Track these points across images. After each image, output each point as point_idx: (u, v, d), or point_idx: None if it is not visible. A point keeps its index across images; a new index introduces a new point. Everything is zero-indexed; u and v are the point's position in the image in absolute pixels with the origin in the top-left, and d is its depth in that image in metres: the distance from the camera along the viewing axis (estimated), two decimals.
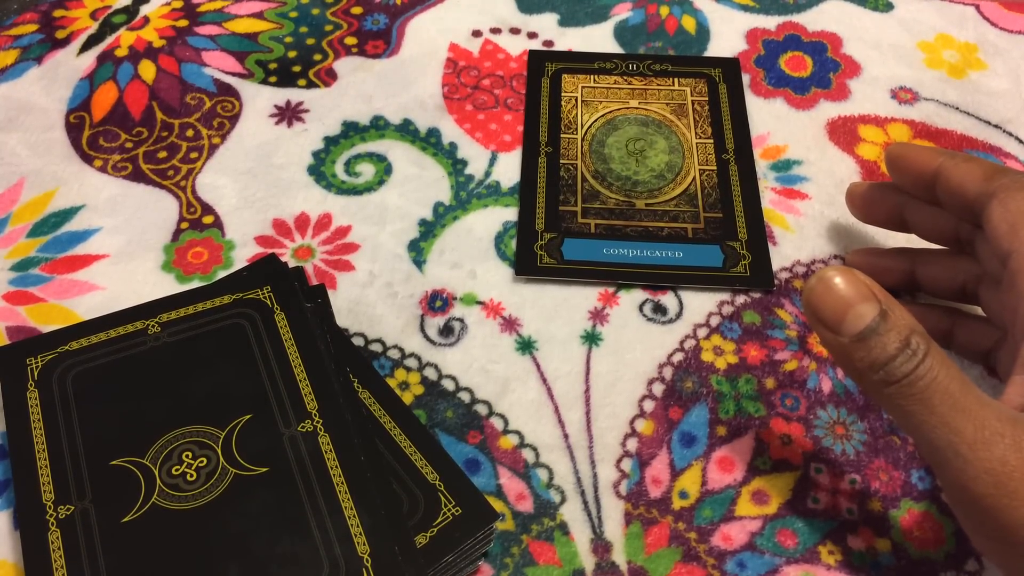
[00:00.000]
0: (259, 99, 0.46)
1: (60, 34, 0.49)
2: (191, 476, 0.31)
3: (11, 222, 0.41)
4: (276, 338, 0.34)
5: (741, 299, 0.39)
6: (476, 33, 0.50)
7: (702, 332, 0.38)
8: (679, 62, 0.48)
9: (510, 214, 0.42)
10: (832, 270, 0.27)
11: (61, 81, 0.47)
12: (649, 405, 0.36)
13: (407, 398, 0.36)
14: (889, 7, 0.51)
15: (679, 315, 0.38)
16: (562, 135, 0.44)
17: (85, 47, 0.49)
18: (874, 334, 0.26)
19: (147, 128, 0.45)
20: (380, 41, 0.49)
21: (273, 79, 0.47)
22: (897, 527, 0.33)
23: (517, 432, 0.35)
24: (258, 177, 0.43)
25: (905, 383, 0.25)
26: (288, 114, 0.46)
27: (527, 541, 0.33)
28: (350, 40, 0.49)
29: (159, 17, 0.50)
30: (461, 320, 0.38)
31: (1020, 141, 0.45)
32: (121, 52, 0.48)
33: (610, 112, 0.45)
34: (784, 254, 0.40)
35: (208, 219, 0.41)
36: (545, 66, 0.47)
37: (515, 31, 0.50)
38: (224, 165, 0.44)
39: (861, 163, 0.44)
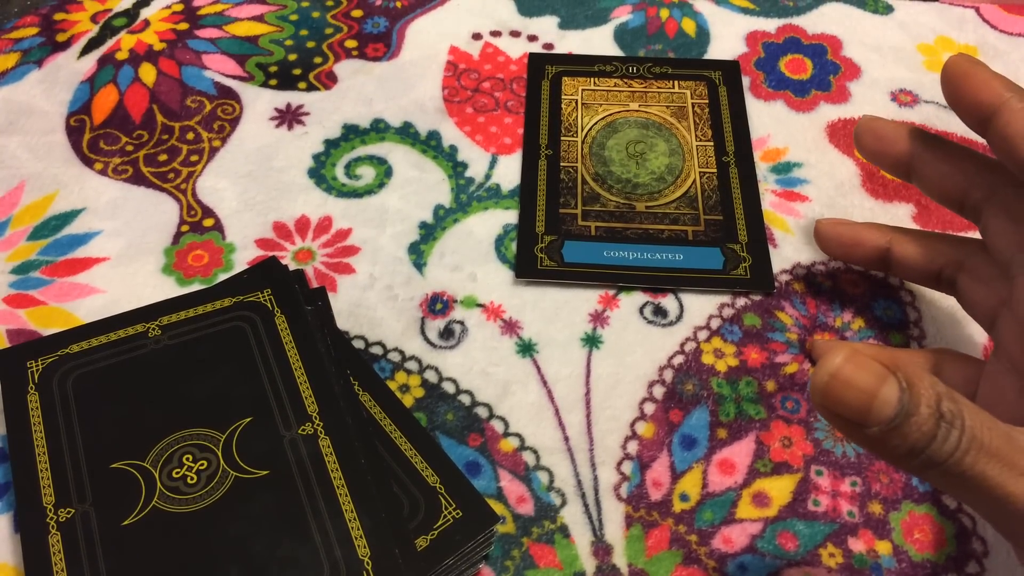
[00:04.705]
0: (259, 102, 0.46)
1: (61, 37, 0.50)
2: (191, 479, 0.31)
3: (11, 225, 0.41)
4: (276, 341, 0.34)
5: (741, 301, 0.39)
6: (476, 36, 0.50)
7: (702, 335, 0.38)
8: (679, 65, 0.48)
9: (510, 217, 0.42)
10: (835, 356, 0.23)
11: (62, 84, 0.47)
12: (650, 408, 0.36)
13: (407, 401, 0.36)
14: (889, 9, 0.51)
15: (679, 318, 0.38)
16: (562, 138, 0.44)
17: (86, 50, 0.49)
18: (906, 416, 0.22)
19: (147, 131, 0.45)
20: (380, 44, 0.49)
21: (273, 82, 0.47)
22: (898, 529, 0.33)
23: (517, 435, 0.35)
24: (258, 180, 0.43)
25: (951, 462, 0.22)
26: (288, 117, 0.46)
27: (527, 544, 0.33)
28: (350, 43, 0.49)
29: (159, 20, 0.50)
30: (461, 323, 0.38)
31: None
32: (122, 55, 0.49)
33: (610, 115, 0.45)
34: (784, 256, 0.40)
35: (208, 222, 0.41)
36: (545, 69, 0.47)
37: (515, 34, 0.50)
38: (224, 168, 0.44)
39: (861, 165, 0.44)
